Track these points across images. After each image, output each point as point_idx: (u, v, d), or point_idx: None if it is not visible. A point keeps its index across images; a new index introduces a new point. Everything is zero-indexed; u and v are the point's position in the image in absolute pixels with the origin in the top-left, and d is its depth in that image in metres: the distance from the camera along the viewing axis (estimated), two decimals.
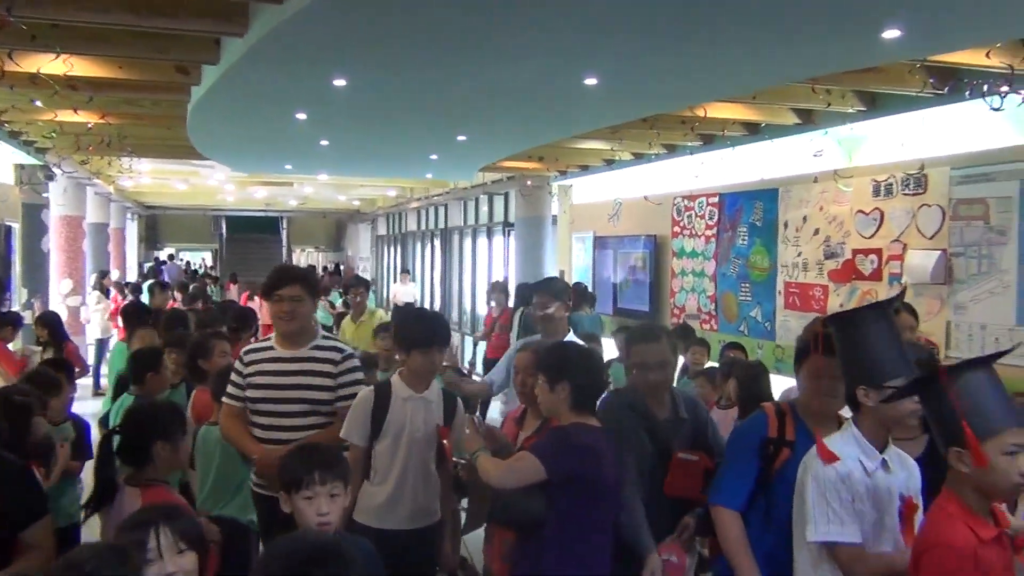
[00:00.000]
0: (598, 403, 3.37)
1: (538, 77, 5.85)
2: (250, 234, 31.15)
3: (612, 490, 3.18)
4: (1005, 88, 5.09)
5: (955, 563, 2.19)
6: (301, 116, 7.60)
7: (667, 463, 3.41)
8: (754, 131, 8.04)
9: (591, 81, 5.79)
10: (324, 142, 9.42)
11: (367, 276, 21.30)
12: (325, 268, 28.71)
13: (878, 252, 7.02)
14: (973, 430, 2.21)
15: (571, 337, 4.80)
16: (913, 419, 2.78)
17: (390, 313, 15.31)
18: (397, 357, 4.16)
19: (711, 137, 8.62)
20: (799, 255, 7.97)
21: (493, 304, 10.99)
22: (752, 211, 8.66)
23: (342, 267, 28.83)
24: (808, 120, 7.45)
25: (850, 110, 6.80)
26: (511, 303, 10.39)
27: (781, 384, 5.20)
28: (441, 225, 18.98)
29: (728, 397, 5.28)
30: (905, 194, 6.79)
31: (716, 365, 6.35)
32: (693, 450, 3.44)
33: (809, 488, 2.66)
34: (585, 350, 3.60)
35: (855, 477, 2.62)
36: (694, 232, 9.62)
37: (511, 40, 4.94)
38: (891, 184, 6.95)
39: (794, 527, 2.80)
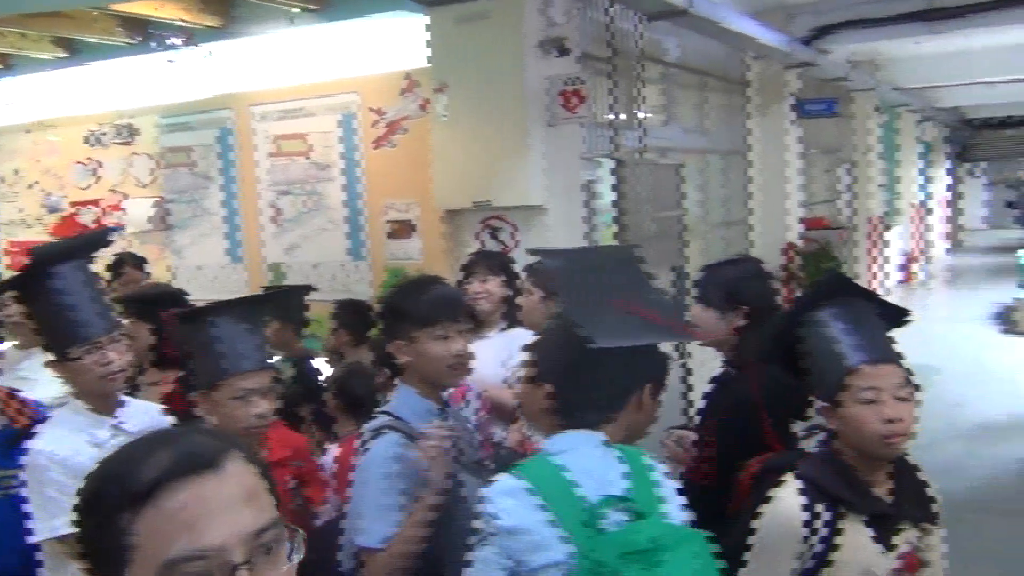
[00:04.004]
0: None
1: None
2: None
3: None
4: (179, 41, 5.38)
5: None
6: None
7: None
8: None
9: None
10: None
11: None
12: None
13: (98, 203, 6.93)
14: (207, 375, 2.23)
15: None
16: (104, 384, 2.32)
17: None
18: None
19: None
20: (18, 211, 7.43)
21: None
22: None
23: None
24: (8, 66, 6.89)
25: (50, 56, 6.48)
26: None
27: None
28: None
29: None
30: (118, 143, 6.78)
31: None
32: None
33: (28, 487, 2.26)
34: None
35: (82, 457, 2.21)
36: None
37: None
38: (104, 134, 6.87)
39: None
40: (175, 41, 5.34)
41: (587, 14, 5.27)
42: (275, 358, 4.22)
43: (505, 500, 1.62)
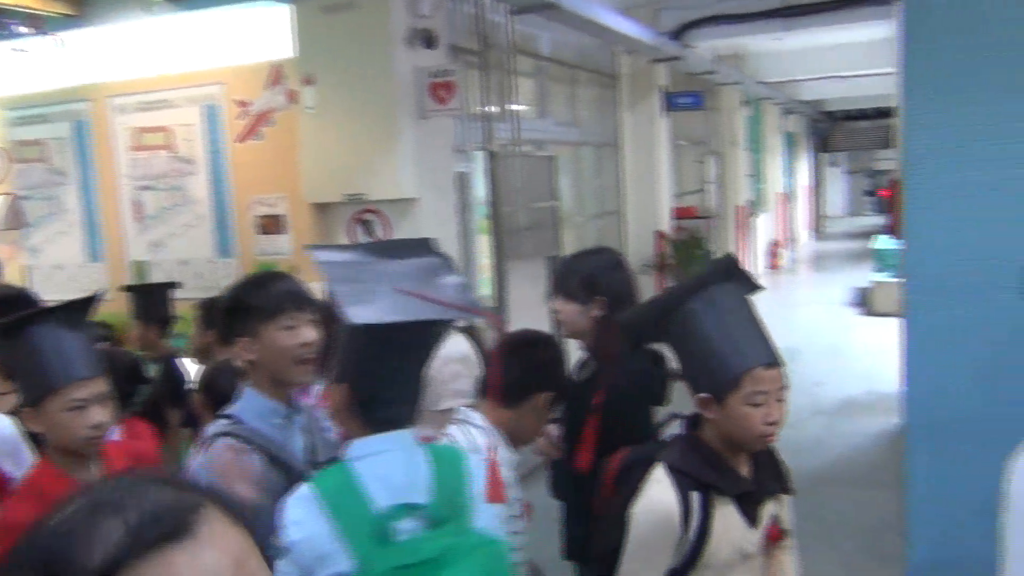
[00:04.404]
0: None
1: None
2: None
3: None
4: (28, 29, 5.09)
5: None
6: None
7: None
8: None
9: None
10: None
11: None
12: None
13: None
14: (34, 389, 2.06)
15: None
16: None
17: None
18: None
19: None
20: None
21: None
22: None
23: None
24: None
25: None
26: None
27: None
28: None
29: None
30: None
31: None
32: None
33: None
34: None
35: None
36: None
37: None
38: None
39: None
40: (23, 30, 5.05)
41: (456, 6, 5.27)
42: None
43: (295, 512, 1.60)
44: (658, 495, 1.89)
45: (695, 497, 1.88)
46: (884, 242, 11.82)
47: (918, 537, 3.08)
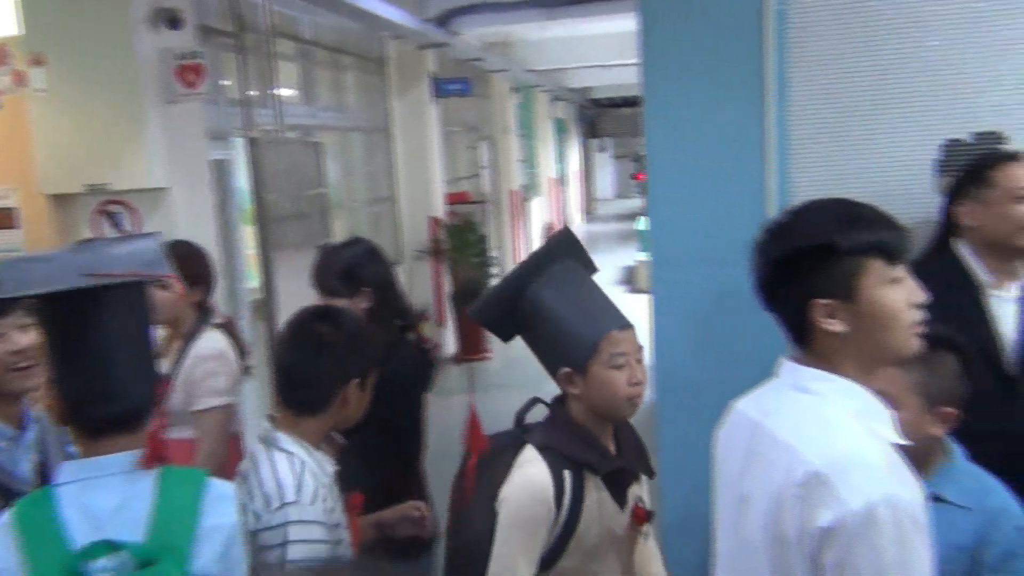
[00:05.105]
0: None
1: None
2: None
3: None
4: None
5: None
6: None
7: None
8: None
9: None
10: None
11: None
12: None
13: None
14: None
15: None
16: None
17: None
18: None
19: None
20: None
21: None
22: None
23: None
24: None
25: None
26: None
27: None
28: None
29: None
30: None
31: None
32: None
33: None
34: None
35: None
36: None
37: None
38: None
39: None
40: None
41: None
42: None
43: None
44: (531, 475, 1.86)
45: (568, 476, 1.88)
46: (644, 223, 12.51)
47: (669, 498, 3.29)
